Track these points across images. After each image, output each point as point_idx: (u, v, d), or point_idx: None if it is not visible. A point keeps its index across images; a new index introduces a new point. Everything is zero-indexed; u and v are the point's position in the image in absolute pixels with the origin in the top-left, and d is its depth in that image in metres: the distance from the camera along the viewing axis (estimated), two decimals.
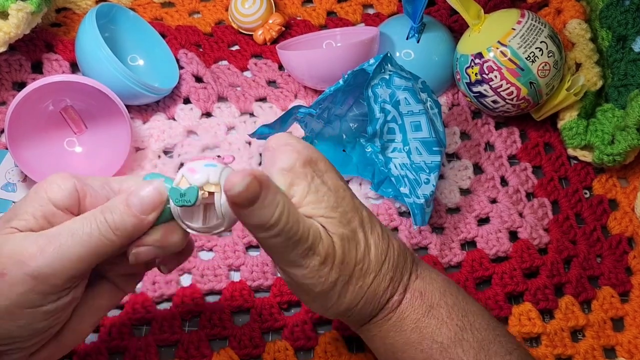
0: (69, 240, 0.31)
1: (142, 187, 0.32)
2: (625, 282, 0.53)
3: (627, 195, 0.57)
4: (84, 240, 0.31)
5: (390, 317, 0.37)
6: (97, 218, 0.31)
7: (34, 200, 0.32)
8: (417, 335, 0.36)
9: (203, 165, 0.32)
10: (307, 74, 0.56)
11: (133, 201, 0.32)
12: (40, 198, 0.32)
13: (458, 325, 0.36)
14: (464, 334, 0.36)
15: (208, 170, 0.31)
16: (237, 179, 0.29)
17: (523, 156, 0.58)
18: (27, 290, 0.31)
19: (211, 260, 0.50)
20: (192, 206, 0.31)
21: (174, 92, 0.57)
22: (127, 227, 0.32)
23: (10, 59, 0.56)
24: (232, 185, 0.29)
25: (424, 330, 0.36)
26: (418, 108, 0.47)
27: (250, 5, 0.60)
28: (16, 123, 0.48)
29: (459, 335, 0.35)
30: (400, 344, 0.36)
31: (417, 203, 0.47)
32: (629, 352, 0.49)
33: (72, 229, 0.31)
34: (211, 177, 0.31)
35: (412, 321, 0.36)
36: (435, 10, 0.64)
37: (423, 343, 0.35)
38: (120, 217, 0.31)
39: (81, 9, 0.61)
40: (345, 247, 0.34)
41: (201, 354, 0.46)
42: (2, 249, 0.31)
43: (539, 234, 0.53)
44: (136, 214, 0.32)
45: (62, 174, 0.33)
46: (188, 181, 0.31)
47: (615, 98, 0.56)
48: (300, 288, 0.35)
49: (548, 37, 0.52)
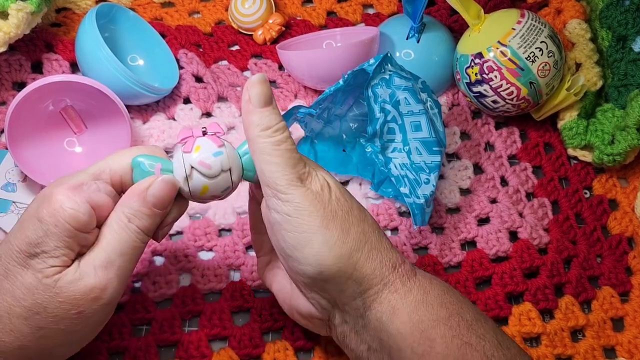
0: (122, 260, 0.35)
1: (158, 186, 0.35)
2: (625, 282, 0.53)
3: (627, 195, 0.57)
4: (131, 254, 0.35)
5: (412, 288, 0.36)
6: (131, 229, 0.35)
7: (57, 232, 0.33)
8: (445, 312, 0.35)
9: (212, 155, 0.35)
10: (307, 74, 0.56)
11: (154, 202, 0.35)
12: (65, 230, 0.33)
13: (472, 307, 0.37)
14: (480, 316, 0.36)
15: (220, 159, 0.35)
16: (250, 80, 0.34)
17: (523, 156, 0.58)
18: (104, 317, 0.36)
19: (211, 260, 0.50)
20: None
21: (174, 92, 0.57)
22: (155, 225, 0.36)
23: (10, 59, 0.56)
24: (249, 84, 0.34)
25: (450, 306, 0.35)
26: (418, 108, 0.47)
27: (250, 5, 0.60)
28: (16, 123, 0.48)
29: (477, 315, 0.36)
30: (428, 320, 0.35)
31: (417, 203, 0.47)
32: (629, 352, 0.49)
33: (118, 248, 0.34)
34: (224, 164, 0.35)
35: (436, 295, 0.36)
36: (435, 10, 0.64)
37: (451, 319, 0.35)
38: (148, 221, 0.35)
39: (81, 9, 0.61)
40: (341, 191, 0.36)
41: (201, 354, 0.46)
42: (66, 291, 0.33)
43: (539, 234, 0.53)
44: (159, 212, 0.35)
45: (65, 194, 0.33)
46: (204, 175, 0.35)
47: (615, 98, 0.56)
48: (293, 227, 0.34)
49: (548, 37, 0.52)
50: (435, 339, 0.34)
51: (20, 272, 0.33)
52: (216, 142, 0.35)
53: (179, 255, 0.50)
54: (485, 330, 0.35)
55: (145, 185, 0.35)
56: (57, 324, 0.33)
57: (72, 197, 0.33)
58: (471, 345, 0.34)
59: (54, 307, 0.33)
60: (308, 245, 0.34)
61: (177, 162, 0.35)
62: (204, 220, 0.51)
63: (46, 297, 0.33)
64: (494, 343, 0.34)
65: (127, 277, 0.35)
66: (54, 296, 0.33)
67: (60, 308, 0.33)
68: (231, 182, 0.36)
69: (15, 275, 0.33)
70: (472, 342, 0.34)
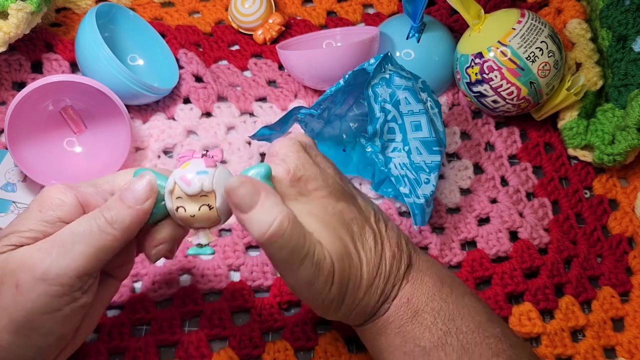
0: (71, 238, 0.32)
1: (134, 181, 0.34)
2: (626, 282, 0.53)
3: (628, 195, 0.57)
4: (85, 238, 0.32)
5: (377, 323, 0.38)
6: (95, 216, 0.33)
7: (39, 217, 0.33)
8: (400, 339, 0.37)
9: (195, 173, 0.33)
10: (307, 73, 0.56)
11: (126, 194, 0.33)
12: (47, 215, 0.33)
13: (442, 329, 0.36)
14: (448, 338, 0.36)
15: (202, 179, 0.32)
16: (236, 182, 0.32)
17: (523, 156, 0.58)
18: (40, 294, 0.32)
19: (211, 261, 0.50)
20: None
21: (174, 92, 0.57)
22: (124, 219, 0.33)
23: (10, 58, 0.56)
24: (232, 187, 0.32)
25: (407, 335, 0.37)
26: (418, 108, 0.47)
27: (250, 5, 0.60)
28: (16, 123, 0.48)
29: (442, 339, 0.36)
30: (385, 346, 0.38)
31: (417, 203, 0.47)
32: (629, 352, 0.49)
33: (73, 229, 0.33)
34: (205, 185, 0.33)
35: (396, 327, 0.37)
36: (436, 10, 0.64)
37: (406, 346, 0.37)
38: (116, 212, 0.33)
39: (81, 8, 0.61)
40: (342, 264, 0.34)
41: (201, 354, 0.46)
42: (9, 263, 0.32)
43: (539, 234, 0.53)
44: (130, 205, 0.33)
45: (58, 187, 0.34)
46: (182, 190, 0.33)
47: (615, 98, 0.56)
48: (301, 297, 0.36)
49: (548, 37, 0.52)
50: None
51: None
52: (207, 162, 0.33)
53: (179, 255, 0.50)
54: (447, 354, 0.36)
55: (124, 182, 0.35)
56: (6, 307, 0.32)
57: (63, 190, 0.34)
58: None
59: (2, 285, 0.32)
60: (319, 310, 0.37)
61: (169, 178, 0.34)
62: None
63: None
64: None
65: (76, 261, 0.32)
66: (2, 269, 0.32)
67: (6, 284, 0.32)
68: (214, 208, 0.33)
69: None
70: None
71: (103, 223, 0.32)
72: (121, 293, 0.48)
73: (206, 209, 0.33)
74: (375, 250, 0.36)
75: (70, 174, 0.51)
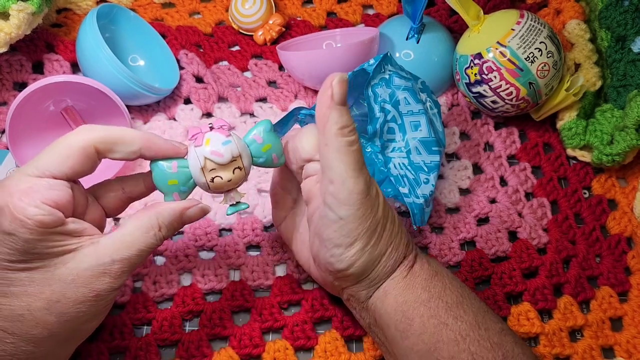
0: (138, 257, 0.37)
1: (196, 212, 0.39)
2: (624, 282, 0.53)
3: (626, 195, 0.57)
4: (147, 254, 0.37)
5: (406, 275, 0.40)
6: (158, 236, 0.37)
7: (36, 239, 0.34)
8: (426, 294, 0.39)
9: (222, 145, 0.38)
10: (307, 74, 0.56)
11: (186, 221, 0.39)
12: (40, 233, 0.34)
13: (458, 291, 0.40)
14: (463, 299, 0.40)
15: (229, 148, 0.38)
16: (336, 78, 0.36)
17: (522, 156, 0.58)
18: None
19: (212, 260, 0.50)
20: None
21: (175, 92, 0.58)
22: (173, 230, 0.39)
23: (11, 59, 0.56)
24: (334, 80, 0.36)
25: (432, 290, 0.39)
26: (418, 108, 0.47)
27: (251, 5, 0.60)
28: (17, 123, 0.48)
29: (459, 299, 0.40)
30: (411, 302, 0.39)
31: (416, 203, 0.47)
32: (628, 351, 0.50)
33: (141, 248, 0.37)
34: (234, 151, 0.38)
35: (423, 280, 0.40)
36: (435, 10, 0.64)
37: (431, 301, 0.39)
38: (172, 233, 0.39)
39: (82, 9, 0.61)
40: (383, 197, 0.39)
41: (202, 353, 0.46)
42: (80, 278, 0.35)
43: (538, 234, 0.53)
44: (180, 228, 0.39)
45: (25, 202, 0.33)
46: (216, 162, 0.37)
47: (614, 98, 0.56)
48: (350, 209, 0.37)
49: (547, 38, 0.52)
50: (414, 318, 0.39)
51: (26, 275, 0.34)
52: (223, 133, 0.38)
53: (180, 255, 0.50)
54: (465, 312, 0.39)
55: (185, 205, 0.38)
56: (78, 307, 0.35)
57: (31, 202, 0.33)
58: (447, 325, 0.38)
59: (72, 292, 0.35)
60: (349, 248, 0.38)
61: (192, 157, 0.38)
62: (205, 220, 0.51)
63: (60, 286, 0.34)
64: (471, 324, 0.38)
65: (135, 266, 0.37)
66: (70, 283, 0.35)
67: (79, 294, 0.35)
68: (243, 168, 0.39)
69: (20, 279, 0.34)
70: (449, 323, 0.38)
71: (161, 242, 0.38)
72: (122, 292, 0.48)
73: (238, 171, 0.38)
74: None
75: None
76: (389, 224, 0.39)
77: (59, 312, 0.35)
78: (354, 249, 0.38)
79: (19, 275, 0.34)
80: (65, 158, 0.35)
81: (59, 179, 0.35)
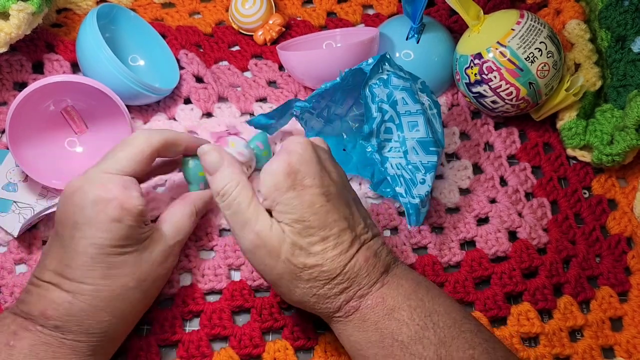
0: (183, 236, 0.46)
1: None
2: (624, 282, 0.53)
3: (626, 195, 0.57)
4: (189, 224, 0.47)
5: (352, 319, 0.40)
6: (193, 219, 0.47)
7: (136, 226, 0.41)
8: (378, 335, 0.39)
9: (244, 147, 0.49)
10: (307, 74, 0.56)
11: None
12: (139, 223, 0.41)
13: (419, 324, 0.39)
14: (425, 332, 0.38)
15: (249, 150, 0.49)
16: (206, 148, 0.42)
17: (522, 156, 0.58)
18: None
19: (212, 260, 0.50)
20: None
21: (175, 92, 0.58)
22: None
23: (11, 59, 0.56)
24: (202, 151, 0.42)
25: (385, 330, 0.39)
26: (415, 108, 0.47)
27: (251, 5, 0.60)
28: (17, 123, 0.48)
29: (420, 333, 0.38)
30: (363, 342, 0.40)
31: (412, 203, 0.47)
32: (628, 351, 0.50)
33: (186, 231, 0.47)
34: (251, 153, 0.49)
35: (372, 322, 0.39)
36: (435, 10, 0.64)
37: (384, 341, 0.39)
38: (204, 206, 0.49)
39: (82, 9, 0.61)
40: (295, 253, 0.38)
41: (202, 353, 0.46)
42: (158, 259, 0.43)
43: (538, 234, 0.53)
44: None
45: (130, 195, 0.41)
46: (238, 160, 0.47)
47: (614, 98, 0.56)
48: (252, 264, 0.41)
49: (547, 38, 0.52)
50: (369, 357, 0.39)
51: (122, 259, 0.40)
52: (242, 138, 0.49)
53: (180, 255, 0.50)
54: (425, 348, 0.38)
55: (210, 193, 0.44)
56: (157, 283, 0.44)
57: (135, 195, 0.40)
58: None
59: (154, 271, 0.43)
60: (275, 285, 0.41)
61: None
62: (205, 220, 0.51)
63: (147, 267, 0.42)
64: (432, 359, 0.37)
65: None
66: (152, 263, 0.42)
67: (157, 272, 0.43)
68: (252, 166, 0.50)
69: (119, 262, 0.40)
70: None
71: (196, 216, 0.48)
72: None
73: (249, 168, 0.50)
74: (348, 251, 0.39)
75: (71, 174, 0.52)
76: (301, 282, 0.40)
77: (144, 289, 0.42)
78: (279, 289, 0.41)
79: (118, 259, 0.40)
80: (137, 161, 0.42)
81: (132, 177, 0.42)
